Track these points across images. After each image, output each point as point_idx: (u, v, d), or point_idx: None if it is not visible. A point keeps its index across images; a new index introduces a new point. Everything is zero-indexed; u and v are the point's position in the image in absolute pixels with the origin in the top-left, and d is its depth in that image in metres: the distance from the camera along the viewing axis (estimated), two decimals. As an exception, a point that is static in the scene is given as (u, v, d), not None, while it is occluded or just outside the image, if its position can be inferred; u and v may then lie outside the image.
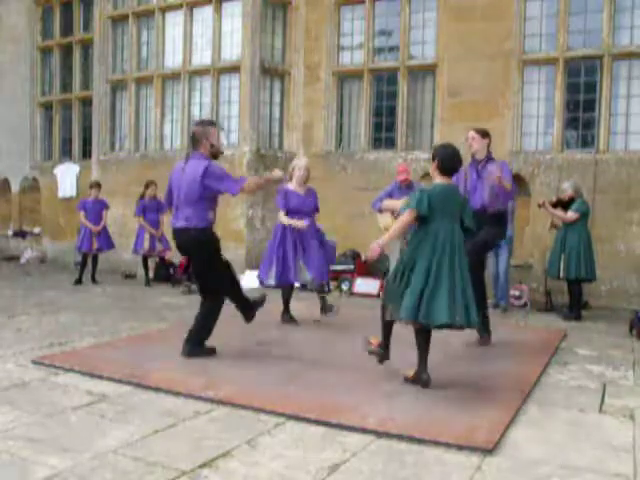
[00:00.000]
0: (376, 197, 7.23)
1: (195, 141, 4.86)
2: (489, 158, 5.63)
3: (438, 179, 4.32)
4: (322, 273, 6.43)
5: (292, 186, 6.42)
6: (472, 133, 5.70)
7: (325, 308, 6.63)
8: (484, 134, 5.68)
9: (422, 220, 4.19)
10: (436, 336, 5.36)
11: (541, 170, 8.77)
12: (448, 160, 4.29)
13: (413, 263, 4.15)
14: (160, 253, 9.71)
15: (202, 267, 4.96)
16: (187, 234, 4.83)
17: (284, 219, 6.32)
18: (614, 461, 3.06)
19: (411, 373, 4.29)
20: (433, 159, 4.35)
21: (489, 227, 5.48)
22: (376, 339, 4.53)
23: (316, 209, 6.55)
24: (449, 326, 4.11)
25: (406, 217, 4.20)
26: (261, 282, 6.59)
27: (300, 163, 6.58)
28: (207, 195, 4.78)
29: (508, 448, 3.21)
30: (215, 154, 4.90)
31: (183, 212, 4.81)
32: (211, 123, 5.07)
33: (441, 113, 9.34)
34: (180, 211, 4.84)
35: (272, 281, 6.35)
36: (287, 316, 6.56)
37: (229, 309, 5.21)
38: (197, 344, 4.93)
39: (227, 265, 5.08)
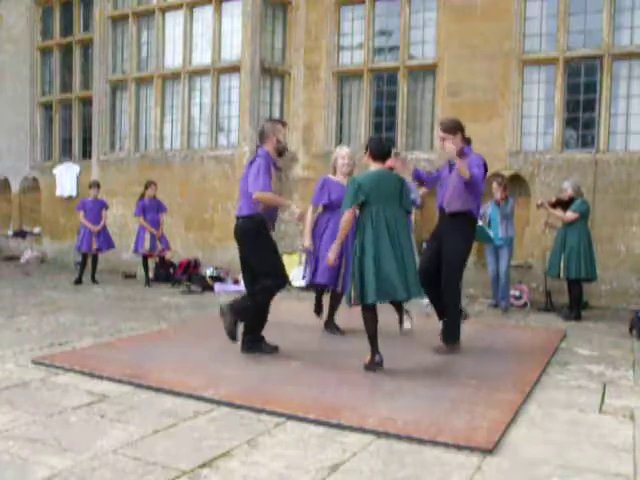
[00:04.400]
0: None
1: (263, 136, 5.09)
2: (465, 153, 5.15)
3: (372, 166, 4.71)
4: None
5: (335, 177, 5.96)
6: (440, 134, 5.20)
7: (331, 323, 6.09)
8: (454, 130, 5.14)
9: (361, 206, 4.57)
10: (435, 338, 5.37)
11: (541, 170, 8.77)
12: (375, 146, 4.71)
13: (362, 249, 4.50)
14: (160, 253, 9.72)
15: (247, 254, 5.02)
16: (237, 222, 5.07)
17: (308, 215, 5.74)
18: (614, 461, 3.06)
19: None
20: (365, 150, 4.77)
21: (450, 235, 5.13)
22: (367, 356, 4.61)
23: None
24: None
25: (347, 216, 4.62)
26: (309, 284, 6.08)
27: (342, 152, 6.03)
28: None
29: (508, 448, 3.21)
30: (281, 151, 5.12)
31: (239, 202, 5.09)
32: (280, 122, 5.26)
33: (441, 113, 9.32)
34: (239, 201, 5.12)
35: (304, 281, 5.88)
36: (332, 324, 6.05)
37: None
38: (255, 339, 5.02)
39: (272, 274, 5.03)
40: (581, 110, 8.76)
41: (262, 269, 4.96)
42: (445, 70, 9.31)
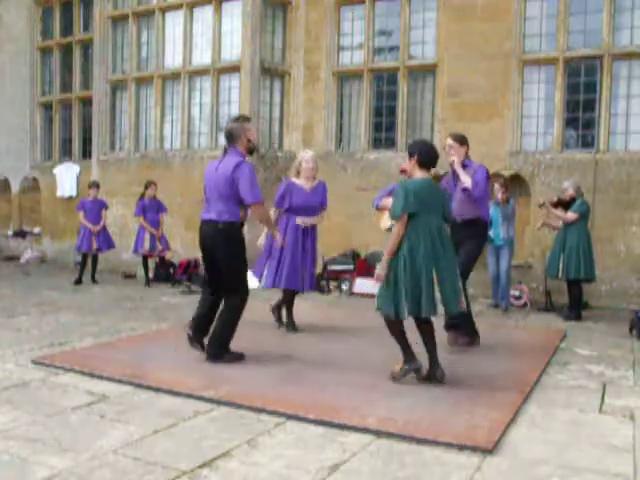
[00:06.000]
0: (377, 195, 7.20)
1: (233, 137, 4.88)
2: (465, 165, 5.41)
3: (418, 174, 4.37)
4: (311, 281, 6.10)
5: (298, 180, 6.03)
6: (450, 141, 5.46)
7: (291, 324, 6.14)
8: (462, 141, 5.45)
9: (409, 216, 4.21)
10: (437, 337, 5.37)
11: (541, 170, 8.76)
12: (427, 154, 4.36)
13: (410, 260, 4.16)
14: (160, 253, 9.72)
15: (224, 263, 4.83)
16: (215, 227, 4.83)
17: (271, 214, 5.79)
18: (614, 461, 3.06)
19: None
20: (411, 155, 4.39)
21: (465, 241, 5.26)
22: (398, 365, 4.38)
23: (322, 206, 6.10)
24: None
25: (399, 227, 4.21)
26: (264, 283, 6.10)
27: (306, 155, 6.13)
28: (236, 191, 4.76)
29: (508, 448, 3.21)
30: (252, 149, 4.95)
31: (216, 206, 4.83)
32: (247, 119, 5.08)
33: (441, 113, 9.34)
34: (213, 205, 4.86)
35: (279, 284, 5.91)
36: (290, 323, 6.13)
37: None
38: (222, 348, 4.84)
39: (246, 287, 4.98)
40: (581, 110, 8.75)
41: (233, 283, 4.84)
42: (445, 70, 9.31)
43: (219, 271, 4.86)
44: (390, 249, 4.22)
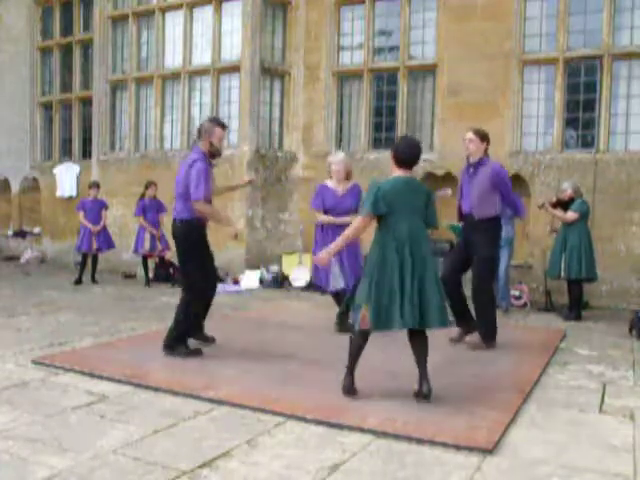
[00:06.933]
0: None
1: (199, 134, 5.00)
2: (482, 161, 5.36)
3: (396, 172, 4.02)
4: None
5: (331, 183, 6.03)
6: (470, 135, 5.40)
7: (343, 325, 5.99)
8: (483, 137, 5.38)
9: (381, 217, 3.92)
10: (436, 337, 5.37)
11: (541, 170, 8.77)
12: (404, 150, 4.00)
13: (382, 267, 3.86)
14: (160, 253, 9.71)
15: (179, 259, 5.00)
16: (175, 225, 4.97)
17: (323, 218, 5.91)
18: (614, 461, 3.07)
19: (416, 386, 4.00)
20: (392, 153, 4.07)
21: (480, 240, 5.26)
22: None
23: (356, 209, 5.83)
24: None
25: (360, 222, 3.95)
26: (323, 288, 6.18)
27: (336, 158, 6.04)
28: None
29: (508, 448, 3.21)
30: (213, 153, 4.99)
31: (177, 204, 4.97)
32: (219, 123, 5.06)
33: (441, 113, 9.34)
34: (176, 203, 4.99)
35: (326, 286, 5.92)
36: (339, 325, 6.03)
37: (229, 308, 5.20)
38: (176, 341, 4.94)
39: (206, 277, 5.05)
40: (581, 110, 8.75)
41: (185, 280, 4.97)
42: (445, 70, 9.31)
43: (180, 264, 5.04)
44: (344, 239, 4.06)
